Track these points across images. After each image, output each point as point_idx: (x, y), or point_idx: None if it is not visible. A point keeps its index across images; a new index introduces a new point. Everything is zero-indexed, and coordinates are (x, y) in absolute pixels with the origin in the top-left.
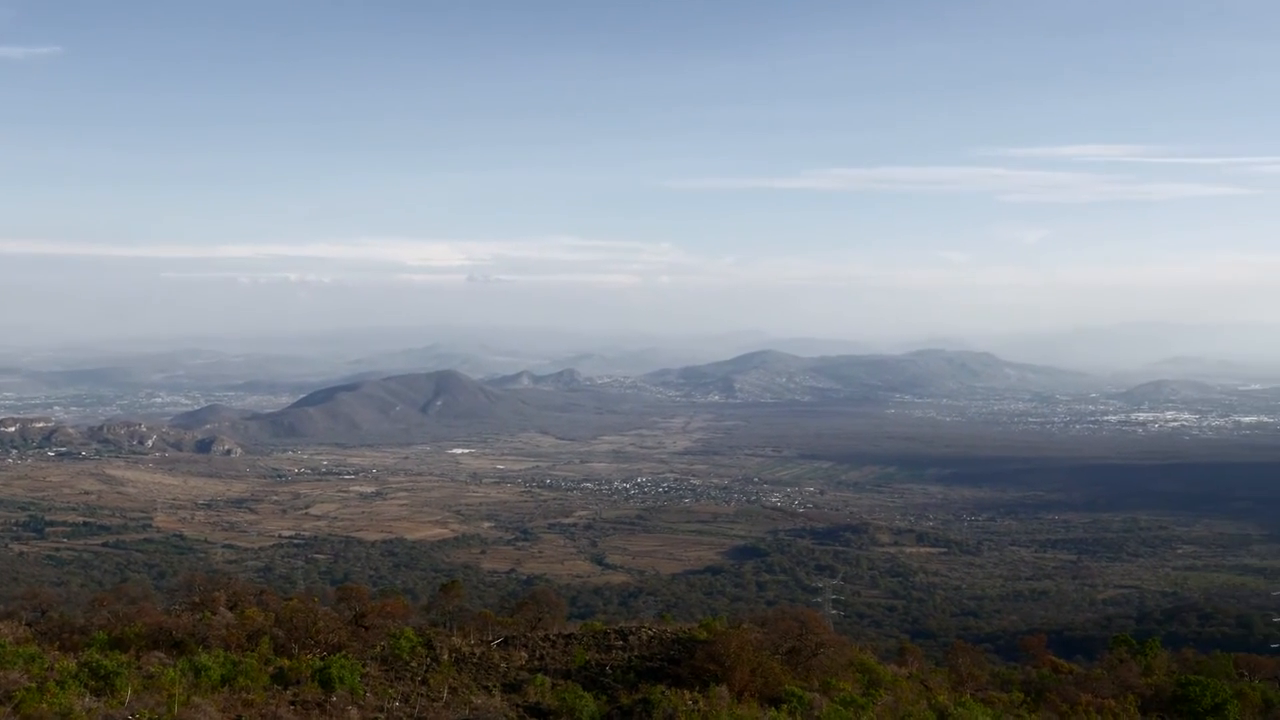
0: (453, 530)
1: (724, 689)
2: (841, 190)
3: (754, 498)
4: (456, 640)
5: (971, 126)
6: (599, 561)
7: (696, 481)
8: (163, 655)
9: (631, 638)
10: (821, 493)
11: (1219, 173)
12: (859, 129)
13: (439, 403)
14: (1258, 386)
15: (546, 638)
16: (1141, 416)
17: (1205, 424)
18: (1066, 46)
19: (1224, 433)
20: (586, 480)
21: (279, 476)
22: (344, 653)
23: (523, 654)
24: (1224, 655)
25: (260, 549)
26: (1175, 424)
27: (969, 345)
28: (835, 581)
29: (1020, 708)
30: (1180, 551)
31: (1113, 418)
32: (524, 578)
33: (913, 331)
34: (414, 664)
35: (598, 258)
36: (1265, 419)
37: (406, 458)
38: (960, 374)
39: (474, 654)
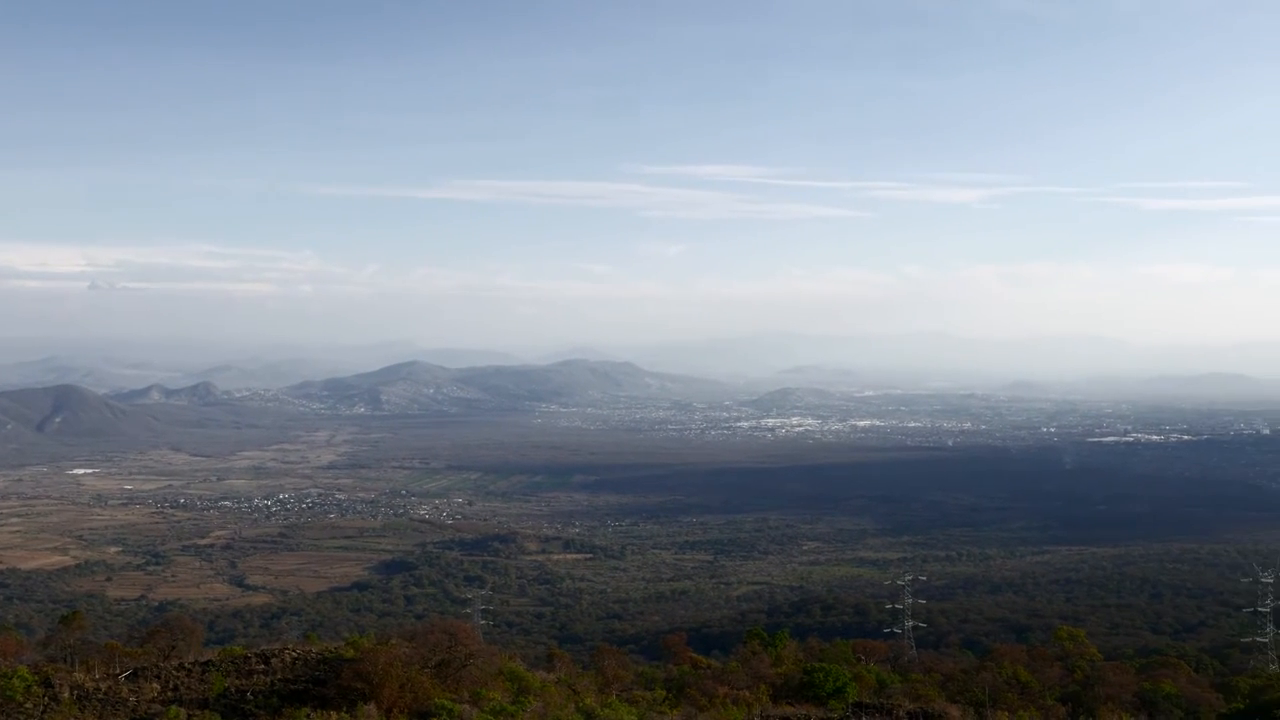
0: (74, 557)
1: (372, 707)
2: (488, 201)
3: (402, 511)
4: (79, 676)
5: (614, 143)
6: (239, 583)
7: (342, 496)
8: None
9: (274, 660)
10: (470, 504)
11: (839, 196)
12: (504, 141)
13: (57, 420)
14: (871, 393)
15: (181, 666)
16: (770, 422)
17: (826, 428)
18: (702, 70)
19: (842, 436)
20: (224, 498)
21: None
22: None
23: (155, 685)
24: (844, 642)
25: None
26: (800, 429)
27: (612, 355)
28: (484, 591)
29: (663, 704)
30: (806, 548)
31: (745, 424)
32: (156, 604)
33: (559, 342)
34: (29, 705)
35: (234, 265)
36: (878, 423)
37: (19, 480)
38: (604, 383)
39: (99, 689)
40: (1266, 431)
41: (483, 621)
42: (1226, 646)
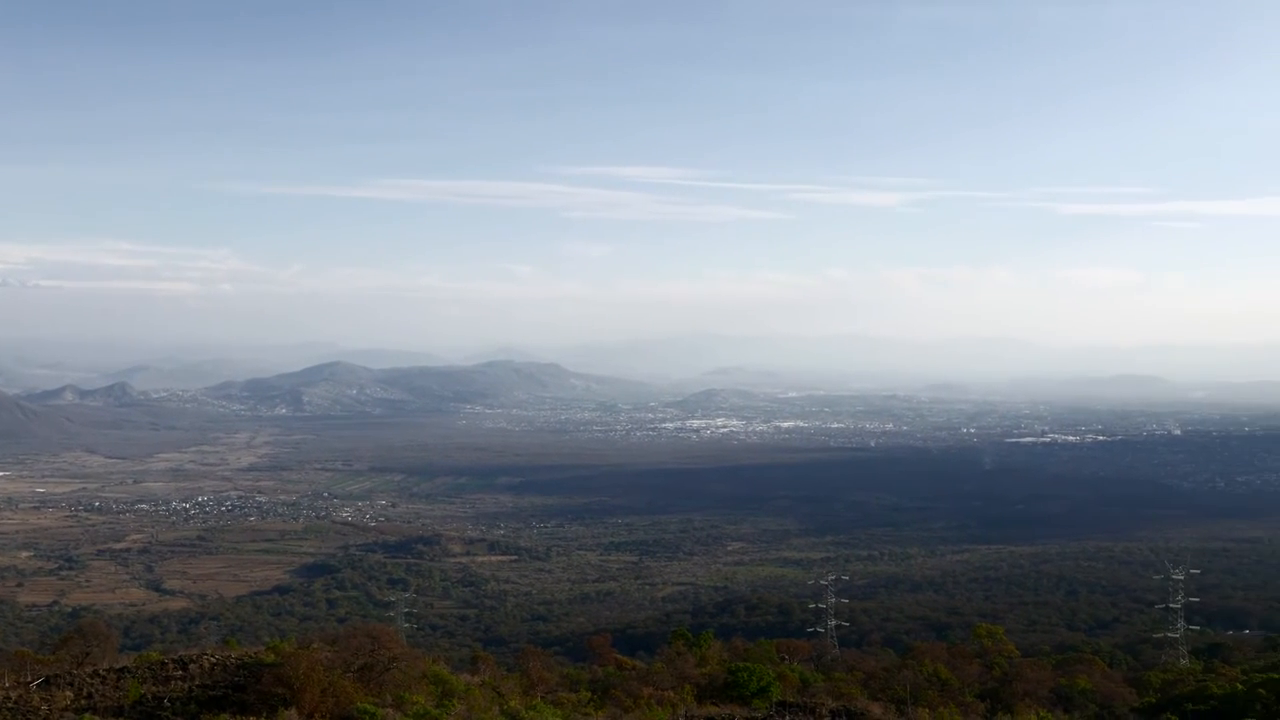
0: None
1: (293, 712)
2: (411, 201)
3: (324, 513)
4: None
5: (537, 144)
6: (156, 587)
7: (263, 498)
8: None
9: (192, 666)
10: (394, 505)
11: (762, 198)
12: (427, 141)
13: None
14: (794, 394)
15: (96, 673)
16: (695, 423)
17: (750, 429)
18: (623, 71)
19: (766, 437)
20: (141, 501)
21: None
22: None
23: (68, 693)
24: (768, 642)
25: None
26: (725, 430)
27: (537, 357)
28: (408, 594)
29: (588, 706)
30: (730, 548)
31: (670, 425)
32: (69, 610)
33: (484, 343)
34: None
35: (152, 264)
36: (801, 424)
37: None
38: (529, 384)
39: (9, 699)
40: (1178, 432)
41: (406, 625)
42: (1139, 642)
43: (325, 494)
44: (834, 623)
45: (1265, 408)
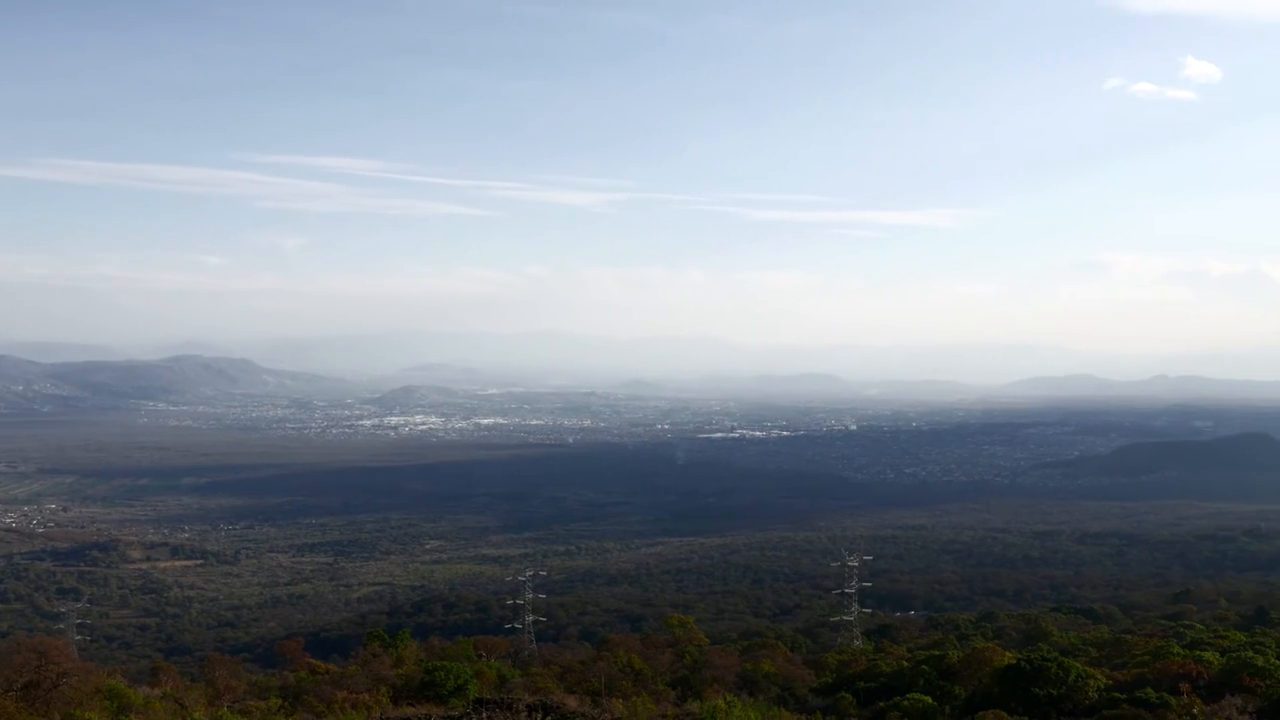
0: None
1: None
2: (82, 183)
3: None
4: None
5: (226, 130)
6: None
7: None
8: None
9: None
10: (65, 510)
11: (464, 194)
12: (101, 119)
13: None
14: (494, 391)
15: None
16: (394, 420)
17: (450, 426)
18: (323, 61)
19: (466, 434)
20: None
21: None
22: None
23: None
24: (465, 640)
25: None
26: (424, 427)
27: (228, 352)
28: (80, 605)
29: (278, 713)
30: (428, 546)
31: (367, 422)
32: None
33: (168, 336)
34: None
35: None
36: (501, 421)
37: None
38: (218, 380)
39: None
40: (854, 428)
41: (78, 637)
42: (818, 626)
43: None
44: (532, 618)
45: (931, 405)
